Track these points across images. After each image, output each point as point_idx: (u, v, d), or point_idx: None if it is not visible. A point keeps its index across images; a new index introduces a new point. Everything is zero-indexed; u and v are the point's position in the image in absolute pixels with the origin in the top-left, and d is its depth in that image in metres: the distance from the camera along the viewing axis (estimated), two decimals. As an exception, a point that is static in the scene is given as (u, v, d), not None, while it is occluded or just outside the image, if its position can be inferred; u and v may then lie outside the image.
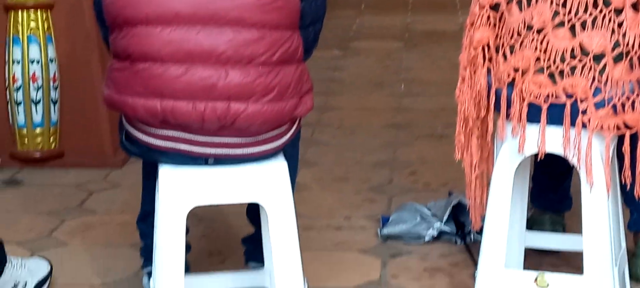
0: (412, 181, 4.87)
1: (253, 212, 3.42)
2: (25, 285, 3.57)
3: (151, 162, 3.21)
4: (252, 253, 3.54)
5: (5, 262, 3.51)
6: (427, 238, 4.09)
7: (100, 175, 4.98)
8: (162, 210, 3.05)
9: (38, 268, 3.66)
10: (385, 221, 4.22)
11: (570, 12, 3.10)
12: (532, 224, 3.82)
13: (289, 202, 3.10)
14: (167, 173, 3.07)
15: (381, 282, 3.77)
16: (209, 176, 3.07)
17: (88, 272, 3.87)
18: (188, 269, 3.45)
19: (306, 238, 3.67)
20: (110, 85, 3.07)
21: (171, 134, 3.02)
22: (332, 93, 6.67)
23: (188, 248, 3.34)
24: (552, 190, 3.91)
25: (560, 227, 3.91)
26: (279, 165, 3.12)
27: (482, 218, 3.45)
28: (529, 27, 3.15)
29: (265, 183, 3.09)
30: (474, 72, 3.29)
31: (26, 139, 5.02)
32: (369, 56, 7.95)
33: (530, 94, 3.14)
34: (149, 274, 3.44)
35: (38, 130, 5.00)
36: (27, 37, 4.88)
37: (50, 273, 3.69)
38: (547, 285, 3.31)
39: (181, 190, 3.05)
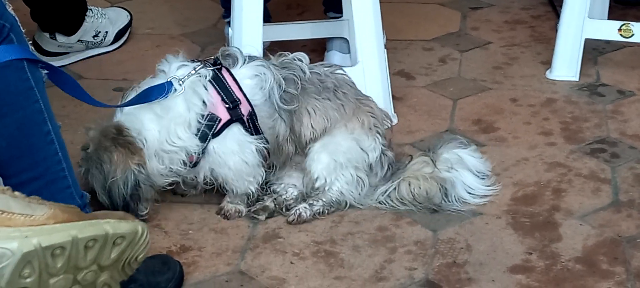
0: None
1: (333, -41, 3.38)
2: (106, 33, 3.60)
3: None
4: (331, 2, 3.50)
5: (86, 9, 3.54)
6: (509, -9, 4.03)
7: None
8: (241, -45, 3.02)
9: (118, 17, 3.68)
10: (466, -26, 4.15)
11: None
12: (619, -25, 3.73)
13: (368, -53, 3.04)
14: None
15: (460, 33, 3.73)
16: None
17: (168, 22, 3.89)
18: (269, 18, 3.45)
19: (385, -10, 3.63)
20: None
21: None
22: None
23: (267, -5, 3.32)
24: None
25: (648, -23, 3.81)
26: None
27: (567, -32, 3.37)
28: None
29: None
30: None
31: None
32: None
33: None
34: (229, 23, 3.44)
35: None
36: None
37: (130, 22, 3.71)
38: (632, 34, 3.25)
39: None
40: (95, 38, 3.57)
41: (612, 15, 3.60)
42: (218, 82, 2.54)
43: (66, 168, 2.24)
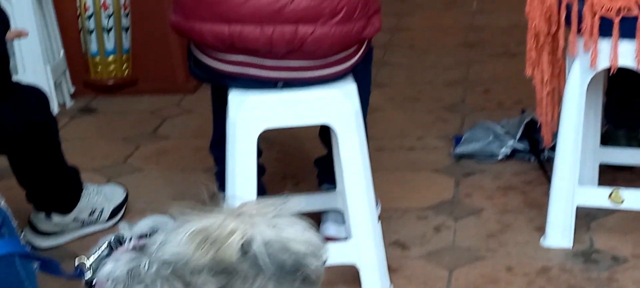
0: (485, 100, 4.83)
1: (326, 133, 3.42)
2: (102, 211, 3.63)
3: (221, 86, 3.23)
4: (325, 175, 3.54)
5: (82, 189, 3.57)
6: (500, 157, 4.07)
7: (174, 101, 5.03)
8: (233, 134, 3.06)
9: (114, 194, 3.71)
10: (458, 140, 4.20)
11: None
12: (607, 140, 3.77)
13: (359, 123, 3.09)
14: (236, 97, 3.08)
15: (454, 201, 3.76)
16: (278, 99, 3.07)
17: (163, 197, 3.92)
18: (264, 192, 3.47)
19: (378, 159, 3.66)
20: (178, 11, 3.07)
21: (240, 58, 3.02)
22: (403, 13, 6.61)
23: (262, 170, 3.35)
24: (626, 106, 3.84)
25: (635, 142, 3.84)
26: (348, 86, 3.10)
27: (554, 136, 3.42)
28: None
29: (335, 105, 3.08)
30: (544, -13, 3.23)
31: (99, 67, 5.08)
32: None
33: (602, 7, 3.08)
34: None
35: (111, 58, 5.05)
36: (97, -35, 4.93)
37: (126, 199, 3.75)
38: (622, 201, 3.27)
39: (251, 114, 3.06)
40: (91, 216, 3.60)
41: (602, 179, 3.63)
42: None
43: None
